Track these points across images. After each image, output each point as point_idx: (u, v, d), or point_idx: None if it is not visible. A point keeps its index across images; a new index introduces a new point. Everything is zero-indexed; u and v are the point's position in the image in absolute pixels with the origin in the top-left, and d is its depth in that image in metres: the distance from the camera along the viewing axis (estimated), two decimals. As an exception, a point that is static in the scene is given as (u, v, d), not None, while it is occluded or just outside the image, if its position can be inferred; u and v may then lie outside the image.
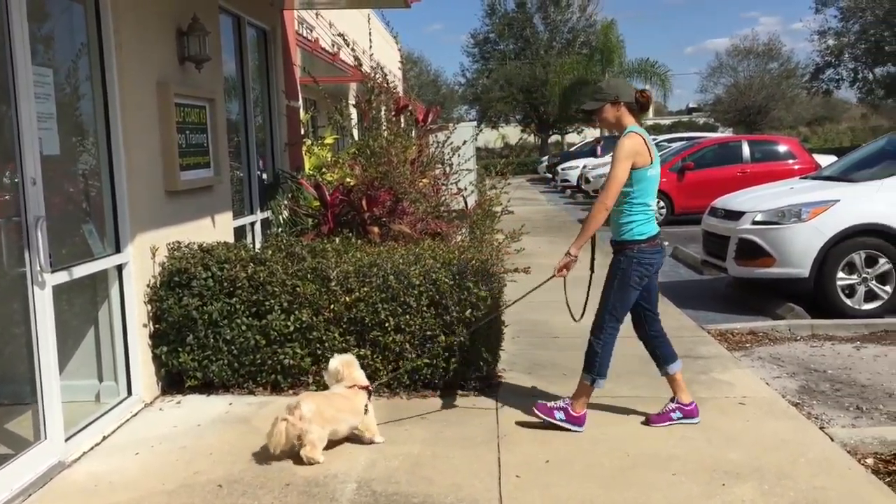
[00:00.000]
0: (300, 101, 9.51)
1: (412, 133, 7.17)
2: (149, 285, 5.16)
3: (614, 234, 4.47)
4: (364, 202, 6.43)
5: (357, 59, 8.48)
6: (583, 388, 4.50)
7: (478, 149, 11.78)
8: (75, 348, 4.92)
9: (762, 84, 48.97)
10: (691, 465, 3.98)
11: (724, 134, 34.11)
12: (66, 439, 4.20)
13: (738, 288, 8.95)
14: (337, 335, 5.07)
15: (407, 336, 5.03)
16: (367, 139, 6.96)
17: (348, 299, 5.04)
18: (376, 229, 6.27)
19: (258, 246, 6.81)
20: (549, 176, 34.04)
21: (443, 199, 7.10)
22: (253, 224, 7.65)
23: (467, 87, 55.79)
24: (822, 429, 4.49)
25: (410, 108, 7.60)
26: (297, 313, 5.07)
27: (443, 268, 5.07)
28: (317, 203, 7.02)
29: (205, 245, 5.51)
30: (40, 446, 3.98)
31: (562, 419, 4.47)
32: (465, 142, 7.84)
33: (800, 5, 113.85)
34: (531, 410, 4.57)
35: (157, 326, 5.19)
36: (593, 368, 4.47)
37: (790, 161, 15.61)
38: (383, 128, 7.29)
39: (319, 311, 5.07)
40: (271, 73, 8.49)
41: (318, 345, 5.09)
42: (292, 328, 5.07)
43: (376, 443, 4.32)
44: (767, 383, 5.36)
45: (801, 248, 7.56)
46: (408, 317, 5.01)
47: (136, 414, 4.92)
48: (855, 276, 7.49)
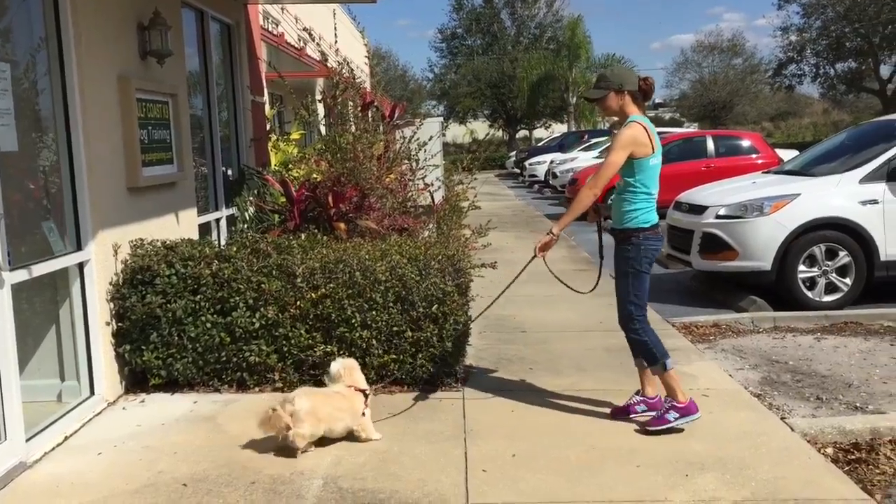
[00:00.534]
0: (266, 97, 9.43)
1: (379, 129, 7.14)
2: (111, 283, 5.09)
3: (617, 222, 4.47)
4: (330, 198, 6.40)
5: (323, 53, 8.42)
6: (665, 379, 4.44)
7: (446, 144, 11.78)
8: (36, 347, 4.84)
9: (726, 79, 49.72)
10: (656, 457, 4.03)
11: (690, 129, 34.49)
12: (28, 440, 4.14)
13: (702, 281, 9.07)
14: (303, 332, 5.05)
15: (374, 332, 5.02)
16: (333, 135, 6.93)
17: (314, 296, 5.02)
18: (343, 225, 6.24)
19: (223, 243, 6.75)
20: (517, 171, 34.17)
21: (410, 194, 7.09)
22: (218, 221, 7.59)
23: (435, 83, 55.76)
24: (783, 419, 4.57)
25: (377, 103, 7.57)
26: (262, 310, 5.04)
27: (409, 263, 5.07)
28: (283, 199, 6.97)
29: (168, 242, 5.45)
30: (0, 447, 3.92)
31: (676, 418, 4.38)
32: (432, 137, 7.81)
33: (762, 1, 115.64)
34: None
35: (120, 325, 5.13)
36: (654, 357, 4.45)
37: (753, 156, 15.82)
38: (350, 123, 7.25)
39: (285, 308, 5.05)
40: (236, 68, 8.41)
41: (284, 342, 5.06)
42: (258, 325, 5.04)
43: (373, 440, 4.31)
44: (731, 375, 5.44)
45: (763, 241, 7.68)
46: (374, 313, 5.00)
47: (99, 413, 4.85)
48: (815, 269, 7.62)
